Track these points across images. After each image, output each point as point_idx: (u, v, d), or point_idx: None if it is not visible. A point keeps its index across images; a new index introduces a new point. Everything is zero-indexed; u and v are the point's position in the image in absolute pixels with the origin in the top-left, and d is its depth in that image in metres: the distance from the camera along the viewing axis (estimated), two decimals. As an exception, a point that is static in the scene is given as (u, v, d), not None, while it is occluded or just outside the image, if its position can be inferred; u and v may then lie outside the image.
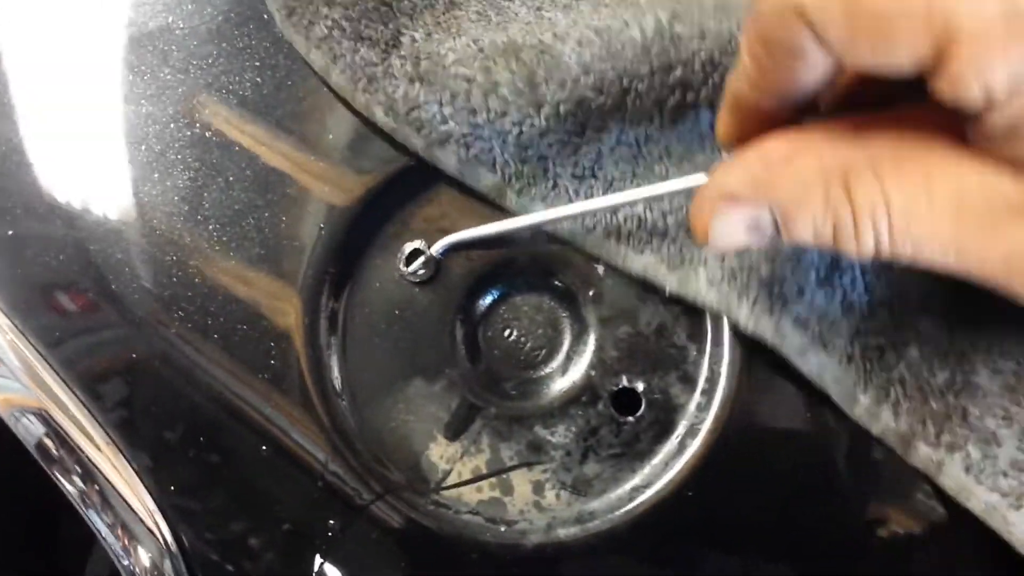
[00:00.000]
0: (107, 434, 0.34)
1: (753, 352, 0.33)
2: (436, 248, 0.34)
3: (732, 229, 0.26)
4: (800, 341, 0.31)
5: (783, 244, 0.31)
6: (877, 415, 0.31)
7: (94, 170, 0.36)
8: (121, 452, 0.34)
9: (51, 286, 0.35)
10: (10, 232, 0.35)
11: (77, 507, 0.34)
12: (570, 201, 0.34)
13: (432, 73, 0.34)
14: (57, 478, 0.34)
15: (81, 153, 0.36)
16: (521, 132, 0.33)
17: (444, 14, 0.37)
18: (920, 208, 0.23)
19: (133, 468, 0.34)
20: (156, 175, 0.35)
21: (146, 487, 0.34)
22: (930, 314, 0.32)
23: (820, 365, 0.31)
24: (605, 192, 0.34)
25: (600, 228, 0.33)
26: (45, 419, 0.34)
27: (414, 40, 0.35)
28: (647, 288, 0.34)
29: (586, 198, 0.34)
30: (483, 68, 0.33)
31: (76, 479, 0.34)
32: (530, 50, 0.33)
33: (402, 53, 0.35)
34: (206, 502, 0.33)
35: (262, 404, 0.34)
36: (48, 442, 0.34)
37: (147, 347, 0.34)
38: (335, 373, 0.34)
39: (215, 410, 0.34)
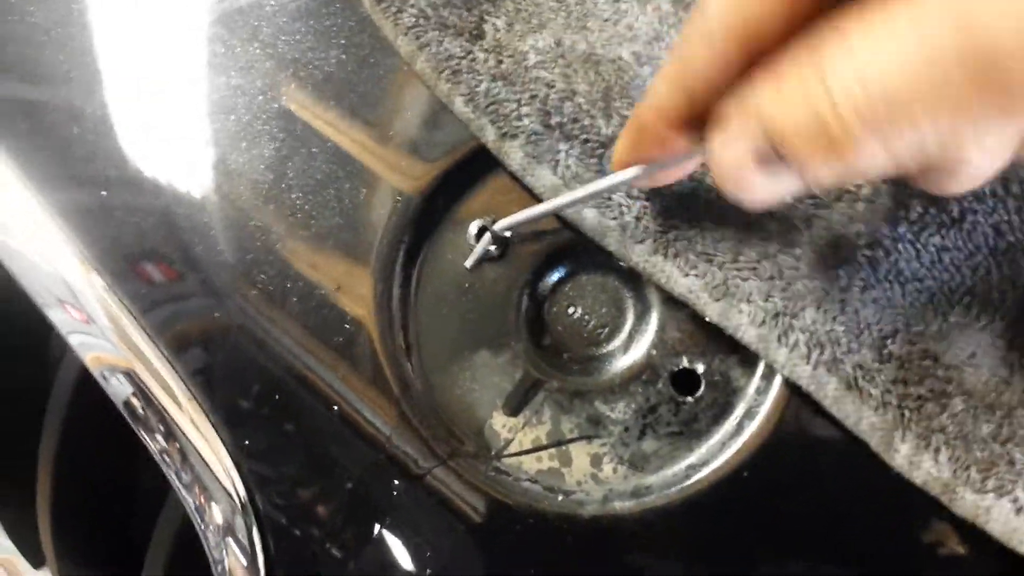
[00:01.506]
0: (191, 394, 0.36)
1: (815, 340, 0.33)
2: (497, 227, 0.35)
3: (743, 170, 0.25)
4: (835, 388, 0.31)
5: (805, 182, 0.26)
6: (918, 464, 0.31)
7: (184, 139, 0.38)
8: (204, 412, 0.36)
9: (140, 252, 0.37)
10: (103, 193, 0.37)
11: (159, 463, 0.36)
12: (621, 216, 0.34)
13: (514, 73, 0.35)
14: (142, 435, 0.36)
15: (172, 123, 0.38)
16: (587, 140, 0.34)
17: None
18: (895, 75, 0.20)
19: (214, 429, 0.35)
20: (244, 144, 0.37)
21: (226, 448, 0.35)
22: (978, 369, 0.32)
23: (856, 412, 0.31)
24: (656, 219, 0.34)
25: (649, 242, 0.34)
26: (132, 378, 0.36)
27: (496, 30, 0.36)
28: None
29: (639, 216, 0.34)
30: (563, 75, 0.35)
31: (159, 437, 0.36)
32: (609, 65, 0.35)
33: (485, 46, 0.36)
34: (278, 465, 0.35)
35: (334, 369, 0.35)
36: (135, 401, 0.36)
37: (228, 313, 0.36)
38: (405, 341, 0.35)
39: (289, 375, 0.35)
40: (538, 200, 0.35)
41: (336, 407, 0.35)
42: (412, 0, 0.37)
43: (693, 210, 0.34)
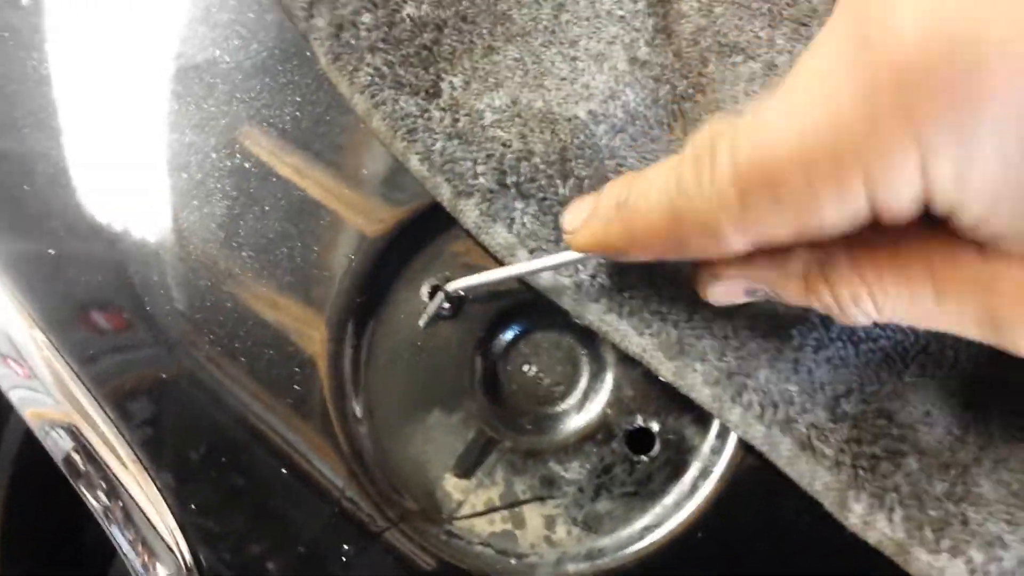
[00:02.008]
0: (133, 452, 0.35)
1: (767, 398, 0.33)
2: (450, 287, 0.35)
3: (731, 296, 0.29)
4: (789, 448, 0.31)
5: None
6: (872, 524, 0.31)
7: (136, 195, 0.37)
8: (146, 470, 0.35)
9: (88, 304, 0.37)
10: (51, 251, 0.37)
11: (100, 522, 0.35)
12: (576, 275, 0.34)
13: (470, 132, 0.35)
14: (83, 492, 0.35)
15: (124, 178, 0.38)
16: (544, 199, 0.35)
17: (482, 59, 0.38)
18: (901, 290, 0.24)
19: (157, 487, 0.35)
20: (195, 202, 0.37)
21: (169, 506, 0.34)
22: (932, 428, 0.32)
23: (811, 472, 0.31)
24: (611, 277, 0.34)
25: (604, 301, 0.34)
26: (74, 434, 0.35)
27: (453, 88, 0.37)
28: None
29: (594, 274, 0.34)
30: (519, 134, 0.35)
31: (101, 494, 0.35)
32: (565, 124, 0.35)
33: (441, 104, 0.36)
34: (226, 523, 0.34)
35: (284, 428, 0.35)
36: (75, 456, 0.35)
37: (177, 368, 0.35)
38: (356, 400, 0.35)
39: (238, 432, 0.35)
40: (494, 258, 0.35)
41: (286, 466, 0.34)
42: (368, 58, 0.37)
43: (648, 269, 0.34)
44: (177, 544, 0.34)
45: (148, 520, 0.35)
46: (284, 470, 0.34)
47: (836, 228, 0.23)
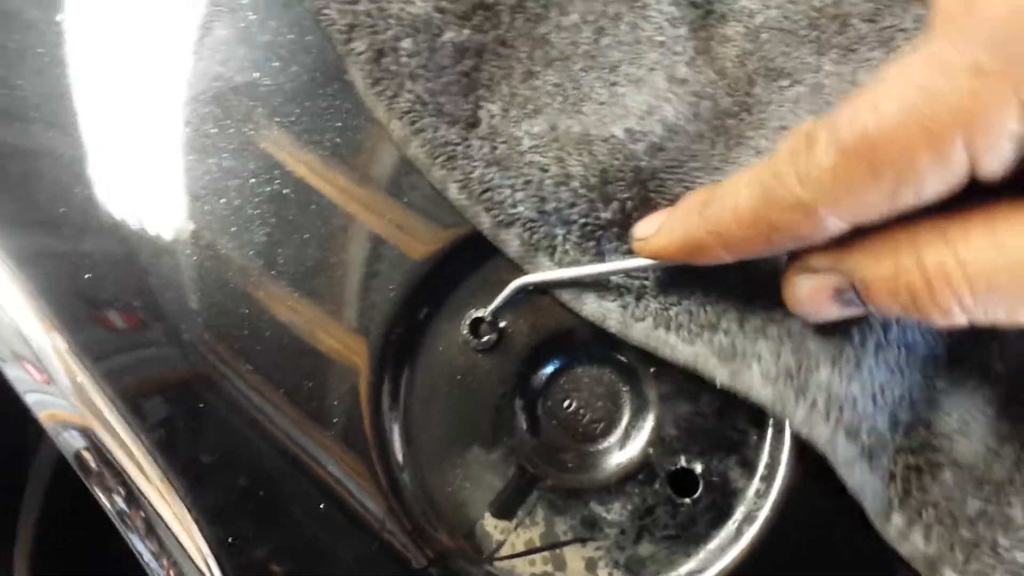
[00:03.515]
0: (159, 468, 0.35)
1: (815, 441, 0.33)
2: (489, 310, 0.35)
3: (818, 299, 0.28)
4: (850, 453, 0.31)
5: (874, 313, 0.30)
6: (907, 536, 0.31)
7: (174, 221, 0.37)
8: (180, 499, 0.35)
9: (125, 341, 0.36)
10: (81, 261, 0.37)
11: (114, 522, 0.35)
12: (621, 298, 0.34)
13: (508, 158, 0.35)
14: (94, 490, 0.35)
15: (161, 202, 0.38)
16: (586, 224, 0.34)
17: (521, 84, 0.37)
18: (995, 264, 0.23)
19: (191, 516, 0.34)
20: (234, 228, 0.37)
21: (202, 533, 0.34)
22: (969, 439, 0.32)
23: (863, 480, 0.31)
24: (657, 297, 0.34)
25: (650, 320, 0.33)
26: (89, 438, 0.35)
27: (491, 116, 0.36)
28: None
29: (639, 296, 0.34)
30: (557, 159, 0.34)
31: (117, 498, 0.35)
32: (603, 145, 0.34)
33: (480, 133, 0.36)
34: (258, 551, 0.34)
35: (322, 458, 0.34)
36: (87, 455, 0.35)
37: (215, 398, 0.35)
38: (396, 434, 0.35)
39: (277, 462, 0.34)
40: (536, 287, 0.35)
41: (321, 503, 0.34)
42: (408, 85, 0.36)
43: (693, 285, 0.34)
44: (205, 562, 0.34)
45: (176, 540, 0.34)
46: (321, 502, 0.34)
47: (934, 193, 0.23)
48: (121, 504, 0.35)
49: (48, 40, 0.40)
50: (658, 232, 0.30)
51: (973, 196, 0.24)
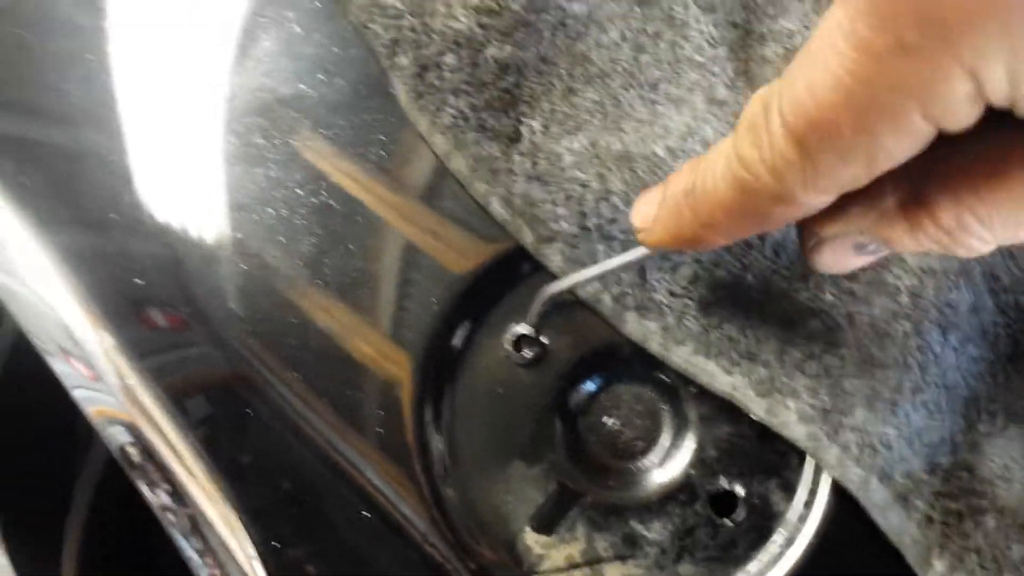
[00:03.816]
0: (205, 466, 0.35)
1: (858, 466, 0.32)
2: (528, 324, 0.35)
3: (842, 259, 0.29)
4: (884, 497, 0.31)
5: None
6: None
7: (222, 229, 0.38)
8: (225, 498, 0.35)
9: (172, 343, 0.37)
10: (132, 267, 0.37)
11: (159, 517, 0.35)
12: (662, 318, 0.34)
13: (549, 174, 0.35)
14: (138, 484, 0.36)
15: (209, 210, 0.38)
16: (627, 240, 0.34)
17: (562, 100, 0.38)
18: (999, 195, 0.23)
19: (236, 516, 0.35)
20: (281, 238, 0.37)
21: (247, 534, 0.35)
22: (1010, 484, 0.31)
23: (900, 525, 0.31)
24: (698, 319, 0.33)
25: (691, 343, 0.33)
26: (136, 435, 0.36)
27: (533, 132, 0.36)
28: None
29: (680, 317, 0.34)
30: (598, 175, 0.35)
31: (162, 493, 0.35)
32: (644, 161, 0.34)
33: (522, 149, 0.36)
34: (298, 553, 0.35)
35: (365, 467, 0.35)
36: (131, 449, 0.36)
37: (260, 406, 0.35)
38: (438, 446, 0.35)
39: (321, 469, 0.35)
40: (580, 301, 0.35)
41: (364, 511, 0.34)
42: (451, 100, 0.37)
43: (734, 309, 0.34)
44: (250, 563, 0.34)
45: (219, 536, 0.35)
46: (363, 511, 0.35)
47: (908, 153, 0.22)
48: (166, 499, 0.35)
49: (97, 46, 0.41)
50: (654, 226, 0.30)
51: None
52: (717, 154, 0.26)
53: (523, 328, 0.35)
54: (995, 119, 0.22)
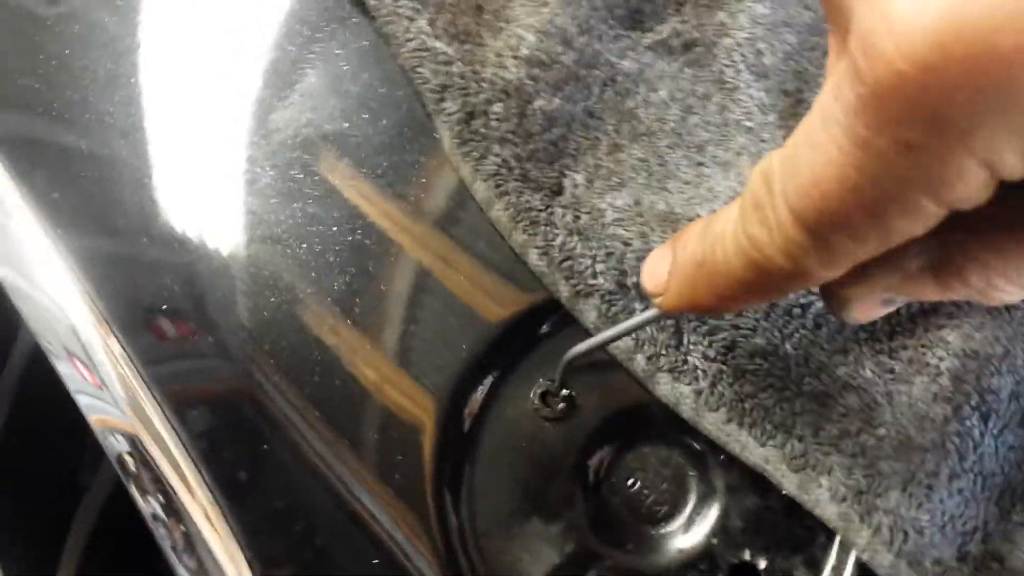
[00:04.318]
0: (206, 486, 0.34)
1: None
2: (553, 384, 0.34)
3: (869, 313, 0.29)
4: None
5: None
6: None
7: (255, 262, 0.37)
8: (226, 522, 0.35)
9: (189, 369, 0.37)
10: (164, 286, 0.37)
11: (151, 527, 0.35)
12: (696, 382, 0.33)
13: (591, 229, 0.35)
14: (133, 493, 0.35)
15: (244, 242, 0.38)
16: None
17: (607, 156, 0.38)
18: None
19: (235, 538, 0.34)
20: (314, 274, 0.37)
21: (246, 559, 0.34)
22: None
23: None
24: (732, 386, 0.33)
25: (724, 411, 0.33)
26: (136, 446, 0.35)
27: (575, 185, 0.36)
28: (782, 463, 0.33)
29: (714, 382, 0.33)
30: (640, 233, 0.35)
31: (154, 502, 0.35)
32: (687, 224, 0.34)
33: (563, 202, 0.36)
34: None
35: (377, 511, 0.34)
36: (128, 458, 0.35)
37: (282, 439, 0.35)
38: (455, 494, 0.34)
39: (335, 510, 0.34)
40: (613, 359, 0.35)
41: (375, 558, 0.34)
42: (496, 149, 0.37)
43: (770, 379, 0.33)
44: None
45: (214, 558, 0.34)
46: (374, 558, 0.34)
47: (924, 230, 0.22)
48: (159, 510, 0.35)
49: (140, 69, 0.41)
50: (668, 293, 0.29)
51: None
52: (725, 224, 0.26)
53: (549, 384, 0.35)
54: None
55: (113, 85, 0.41)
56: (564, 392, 0.35)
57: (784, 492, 0.32)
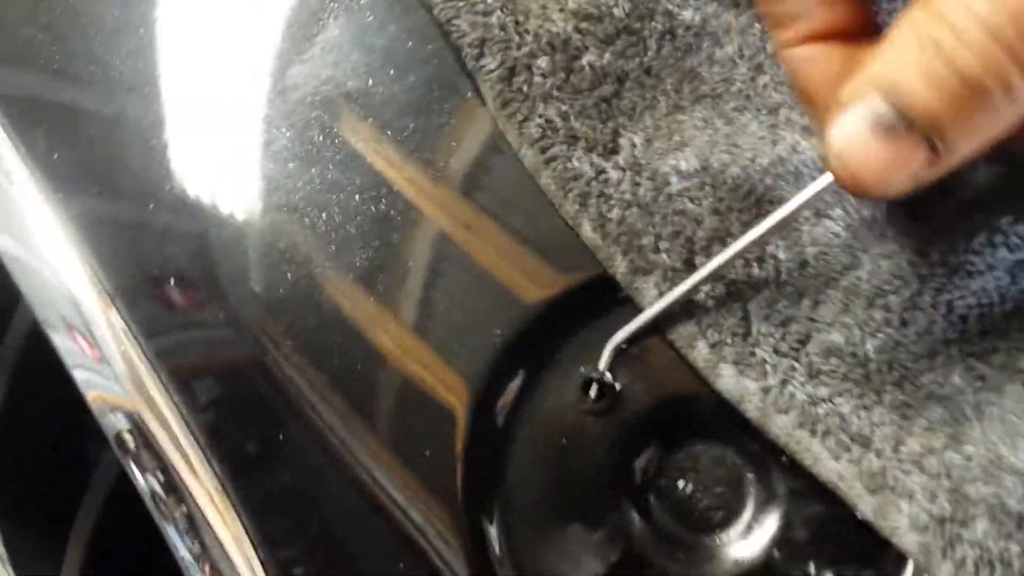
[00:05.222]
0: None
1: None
2: (602, 364, 0.31)
3: (860, 142, 0.22)
4: None
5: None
6: None
7: (270, 232, 0.34)
8: (239, 519, 0.32)
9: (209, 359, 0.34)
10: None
11: (148, 506, 0.33)
12: (763, 378, 0.30)
13: (653, 201, 0.31)
14: (131, 469, 0.33)
15: (258, 211, 0.35)
16: (734, 281, 0.31)
17: (666, 116, 0.34)
18: None
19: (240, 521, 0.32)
20: (333, 247, 0.34)
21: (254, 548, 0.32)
22: None
23: None
24: (805, 386, 0.29)
25: (794, 414, 0.29)
26: (136, 424, 0.33)
27: (633, 145, 0.32)
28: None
29: (783, 380, 0.29)
30: (712, 209, 0.31)
31: (153, 480, 0.33)
32: (768, 207, 0.31)
33: (620, 163, 0.32)
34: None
35: (404, 502, 0.31)
36: (127, 436, 0.33)
37: (301, 423, 0.32)
38: (489, 491, 0.31)
39: (355, 496, 0.32)
40: (670, 345, 0.31)
41: (398, 547, 0.31)
42: (540, 108, 0.33)
43: (849, 383, 0.29)
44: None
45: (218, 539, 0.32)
46: (396, 551, 0.31)
47: None
48: (158, 488, 0.33)
49: (150, 19, 0.38)
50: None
51: None
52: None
53: (594, 373, 0.31)
54: None
55: (120, 35, 0.38)
56: (609, 382, 0.31)
57: (858, 515, 0.28)
